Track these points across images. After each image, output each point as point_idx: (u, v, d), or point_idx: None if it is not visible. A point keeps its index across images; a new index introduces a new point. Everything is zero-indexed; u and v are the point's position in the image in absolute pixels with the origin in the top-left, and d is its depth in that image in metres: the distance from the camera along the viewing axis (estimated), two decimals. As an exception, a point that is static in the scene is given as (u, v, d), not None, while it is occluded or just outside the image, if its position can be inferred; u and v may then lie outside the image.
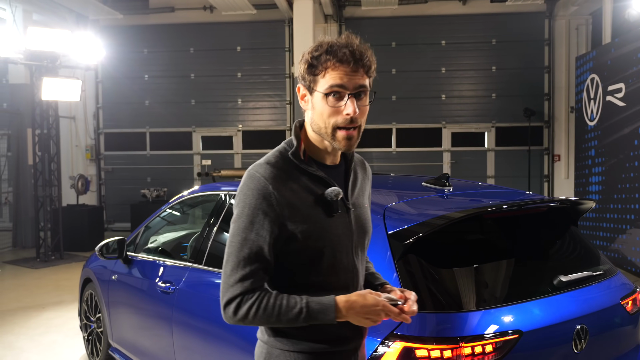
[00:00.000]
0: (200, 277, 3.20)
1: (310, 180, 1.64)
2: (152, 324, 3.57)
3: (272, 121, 12.04)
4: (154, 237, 4.12)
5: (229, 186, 3.53)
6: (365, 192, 1.84)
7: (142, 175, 12.18)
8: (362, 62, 1.59)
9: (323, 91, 1.58)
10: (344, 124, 1.58)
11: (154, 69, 12.10)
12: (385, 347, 2.09)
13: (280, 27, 11.81)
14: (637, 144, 7.38)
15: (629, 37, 7.77)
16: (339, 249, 1.67)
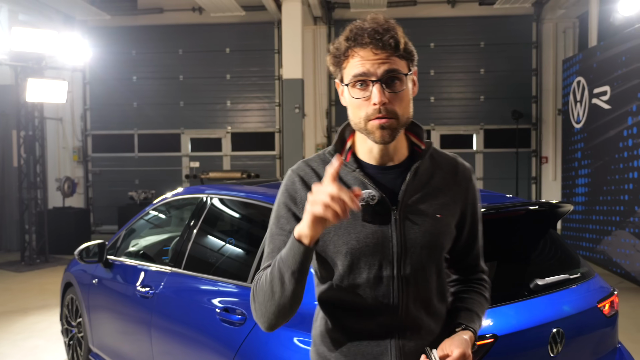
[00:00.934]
0: (179, 282, 3.17)
1: (345, 180, 1.48)
2: (132, 329, 3.54)
3: (261, 123, 12.01)
4: (135, 241, 4.08)
5: (212, 189, 3.50)
6: (440, 199, 1.50)
7: (130, 177, 12.12)
8: (385, 41, 1.37)
9: (348, 82, 1.42)
10: (374, 114, 1.39)
11: (142, 70, 12.05)
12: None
13: (269, 29, 11.79)
14: (622, 147, 7.42)
15: (615, 40, 7.81)
16: (367, 261, 1.45)
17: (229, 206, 3.39)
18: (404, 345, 1.48)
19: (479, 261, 1.67)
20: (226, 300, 2.74)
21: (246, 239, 3.23)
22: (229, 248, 3.21)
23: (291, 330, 2.32)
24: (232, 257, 3.16)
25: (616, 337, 2.76)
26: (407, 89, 1.43)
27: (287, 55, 9.84)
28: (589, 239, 8.48)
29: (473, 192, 1.59)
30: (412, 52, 1.44)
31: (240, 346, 2.49)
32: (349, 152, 1.51)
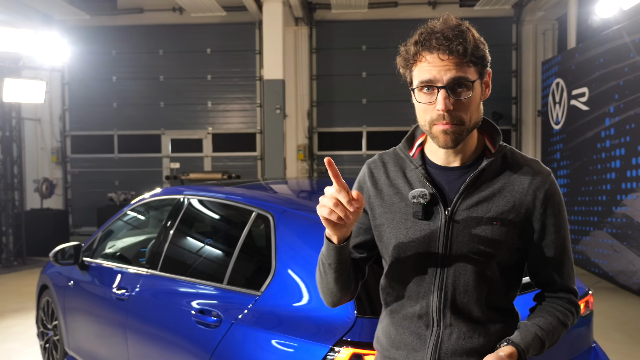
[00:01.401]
0: (155, 284, 3.14)
1: (409, 176, 1.53)
2: (108, 332, 3.49)
3: (242, 124, 11.96)
4: (111, 242, 4.04)
5: (190, 190, 3.47)
6: (502, 205, 1.45)
7: (110, 178, 12.00)
8: (452, 47, 1.36)
9: (415, 86, 1.43)
10: (438, 120, 1.40)
11: (122, 70, 11.94)
12: (334, 353, 2.06)
13: (251, 30, 11.75)
14: (599, 147, 7.50)
15: (593, 42, 7.90)
16: (413, 258, 1.49)
17: (207, 207, 3.36)
18: (440, 347, 1.49)
19: (560, 279, 1.53)
20: (202, 302, 2.72)
21: (223, 240, 3.20)
22: (206, 249, 3.19)
23: (268, 332, 2.31)
24: (208, 259, 3.13)
25: (591, 337, 2.78)
26: (474, 95, 1.41)
27: (268, 56, 9.81)
28: (567, 239, 8.56)
29: (548, 201, 1.48)
30: (483, 57, 1.43)
31: (215, 348, 2.47)
32: (418, 148, 1.55)
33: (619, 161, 7.02)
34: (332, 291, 1.56)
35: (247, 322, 2.40)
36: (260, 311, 2.40)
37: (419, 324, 1.51)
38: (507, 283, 1.52)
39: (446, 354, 1.48)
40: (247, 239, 2.73)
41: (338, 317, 2.14)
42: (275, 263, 2.44)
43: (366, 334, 2.07)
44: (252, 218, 2.72)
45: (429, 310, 1.49)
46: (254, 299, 2.44)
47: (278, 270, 2.42)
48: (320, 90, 11.82)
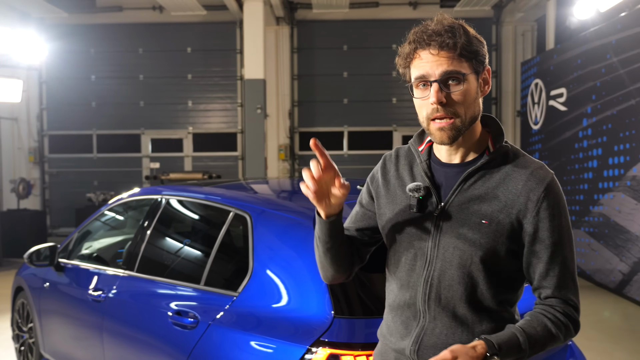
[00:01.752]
0: (132, 285, 3.10)
1: (414, 171, 1.60)
2: (84, 334, 3.44)
3: (223, 124, 11.90)
4: (88, 243, 3.98)
5: (169, 190, 3.43)
6: (494, 205, 1.45)
7: (89, 178, 11.86)
8: (443, 42, 1.41)
9: (411, 82, 1.50)
10: (432, 114, 1.44)
11: (101, 69, 11.81)
12: (312, 354, 2.05)
13: (231, 29, 11.70)
14: (577, 147, 7.59)
15: (571, 43, 7.98)
16: (406, 247, 1.55)
17: (185, 207, 3.33)
18: (422, 339, 1.52)
19: (554, 288, 1.48)
20: (178, 303, 2.69)
21: (201, 241, 3.17)
22: (183, 250, 3.16)
23: (245, 333, 2.29)
24: (186, 259, 3.10)
25: (567, 335, 2.80)
26: (467, 88, 1.44)
27: (249, 56, 9.77)
28: (546, 238, 8.64)
29: (542, 204, 1.44)
30: (477, 52, 1.46)
31: (192, 350, 2.44)
32: (428, 144, 1.61)
33: (596, 161, 7.10)
34: (324, 266, 1.66)
35: (224, 323, 2.38)
36: (237, 312, 2.38)
37: (408, 314, 1.56)
38: (496, 285, 1.49)
39: (426, 346, 1.50)
40: (225, 239, 2.71)
41: (315, 317, 2.14)
42: (252, 263, 2.43)
43: (343, 334, 2.07)
44: (230, 218, 2.70)
45: (416, 301, 1.53)
46: (230, 300, 2.42)
47: (255, 270, 2.41)
48: (301, 90, 11.81)
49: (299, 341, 2.10)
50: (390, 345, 1.62)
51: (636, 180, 6.20)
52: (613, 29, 6.72)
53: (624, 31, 6.45)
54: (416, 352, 1.52)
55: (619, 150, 6.56)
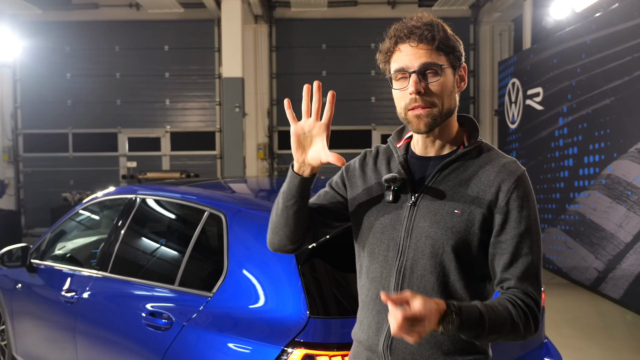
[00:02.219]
0: (105, 286, 3.05)
1: (391, 164, 1.63)
2: (56, 336, 3.38)
3: (201, 122, 11.81)
4: (61, 243, 3.91)
5: (144, 189, 3.38)
6: (466, 196, 1.48)
7: (64, 178, 11.69)
8: (422, 35, 1.47)
9: (390, 75, 1.54)
10: (411, 104, 1.48)
11: (77, 67, 11.64)
12: (287, 354, 2.03)
13: (209, 27, 11.61)
14: (553, 146, 7.66)
15: (547, 43, 8.06)
16: (379, 238, 1.56)
17: (159, 207, 3.28)
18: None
19: (515, 279, 1.46)
20: (152, 304, 2.65)
21: (175, 240, 3.13)
22: (157, 250, 3.11)
23: (220, 334, 2.26)
24: (160, 260, 3.06)
25: (542, 333, 2.82)
26: (444, 80, 1.49)
27: (227, 54, 9.71)
28: (523, 236, 8.72)
29: (511, 196, 1.46)
30: (454, 47, 1.52)
31: (166, 352, 2.41)
32: (406, 140, 1.65)
33: (572, 160, 7.18)
34: (277, 225, 1.63)
35: (198, 324, 2.35)
36: (211, 313, 2.35)
37: (380, 308, 1.54)
38: (468, 276, 1.49)
39: (399, 341, 1.50)
40: (199, 239, 2.68)
41: (291, 318, 2.12)
42: (227, 263, 2.40)
43: (319, 334, 2.05)
44: (204, 218, 2.67)
45: (389, 293, 1.51)
46: (205, 300, 2.39)
47: (230, 270, 2.38)
48: (280, 88, 11.77)
49: (274, 342, 2.08)
50: (362, 344, 1.61)
51: (611, 178, 6.28)
52: (588, 29, 6.80)
53: (599, 31, 6.52)
54: (389, 348, 1.51)
55: (594, 149, 6.64)
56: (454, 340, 1.48)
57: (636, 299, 5.77)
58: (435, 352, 1.48)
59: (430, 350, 1.48)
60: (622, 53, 6.05)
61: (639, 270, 5.73)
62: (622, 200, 6.06)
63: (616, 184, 6.18)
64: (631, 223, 5.88)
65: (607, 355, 4.73)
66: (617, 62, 6.15)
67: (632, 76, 5.87)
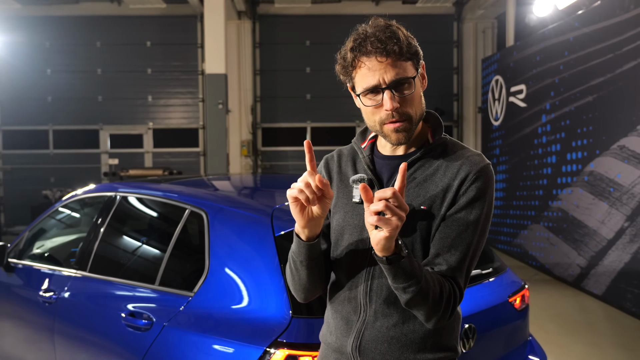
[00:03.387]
0: (84, 286, 2.99)
1: (357, 165, 1.61)
2: (34, 337, 3.31)
3: (184, 119, 11.71)
4: (40, 242, 3.83)
5: (125, 186, 3.32)
6: (432, 192, 1.47)
7: (45, 175, 11.53)
8: (388, 49, 1.41)
9: (359, 92, 1.47)
10: (387, 119, 1.45)
11: (57, 63, 11.48)
12: (269, 355, 1.99)
13: (192, 23, 11.51)
14: (536, 143, 7.69)
15: (530, 40, 8.09)
16: (347, 239, 1.54)
17: (140, 204, 3.23)
18: (364, 334, 1.50)
19: (448, 266, 1.44)
20: (132, 304, 2.60)
21: (156, 239, 3.08)
22: (138, 249, 3.06)
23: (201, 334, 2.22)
24: (140, 259, 3.01)
25: (527, 330, 2.82)
26: (416, 90, 1.47)
27: (210, 50, 9.62)
28: (506, 233, 8.77)
29: (471, 186, 1.45)
30: (416, 52, 1.49)
31: (146, 353, 2.36)
32: (370, 140, 1.62)
33: (555, 157, 7.21)
34: (305, 287, 1.58)
35: (179, 325, 2.31)
36: (192, 313, 2.30)
37: (349, 309, 1.54)
38: None
39: (368, 341, 1.49)
40: (180, 237, 2.63)
41: (273, 318, 2.08)
42: (208, 262, 2.35)
43: (302, 334, 2.02)
44: (185, 216, 2.62)
45: (357, 294, 1.52)
46: (186, 300, 2.34)
47: (212, 269, 2.33)
48: (263, 85, 11.71)
49: (257, 342, 2.04)
50: (330, 346, 1.59)
51: (593, 175, 6.32)
52: (571, 27, 6.82)
53: (581, 29, 6.55)
54: (357, 348, 1.50)
55: (577, 146, 6.67)
56: (424, 338, 1.48)
57: (618, 295, 5.82)
58: (405, 351, 1.48)
59: (400, 350, 1.48)
60: (604, 50, 6.08)
61: (621, 266, 5.77)
62: (604, 197, 6.10)
63: (598, 180, 6.21)
64: (613, 219, 5.92)
65: (590, 351, 4.75)
66: (599, 60, 6.19)
67: (614, 73, 5.91)
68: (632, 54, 5.60)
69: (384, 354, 1.48)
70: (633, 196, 5.58)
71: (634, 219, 5.57)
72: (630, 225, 5.64)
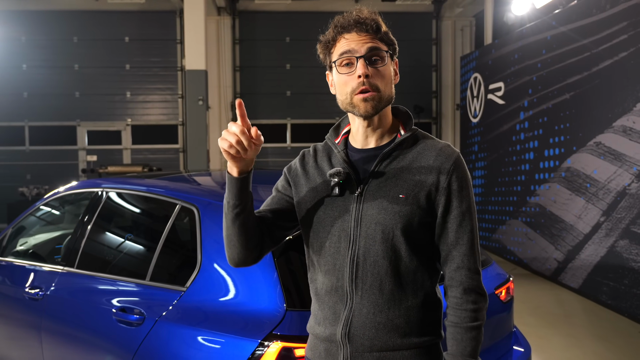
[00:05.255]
0: (72, 282, 2.98)
1: (332, 160, 1.66)
2: (20, 334, 3.28)
3: (163, 115, 11.64)
4: (23, 239, 3.80)
5: (109, 183, 3.32)
6: (408, 182, 1.54)
7: (21, 172, 11.37)
8: (366, 24, 1.54)
9: (335, 59, 1.57)
10: (358, 87, 1.53)
11: (33, 58, 11.32)
12: (264, 347, 2.02)
13: (171, 18, 11.44)
14: (515, 140, 7.82)
15: (508, 38, 8.20)
16: (329, 231, 1.59)
17: (127, 200, 3.22)
18: (352, 321, 1.55)
19: (460, 256, 1.55)
20: (123, 299, 2.60)
21: (145, 235, 3.08)
22: (127, 245, 3.06)
23: (194, 328, 2.24)
24: (129, 255, 3.01)
25: (512, 321, 2.88)
26: (388, 67, 1.57)
27: (189, 46, 9.57)
28: (485, 229, 8.90)
29: (452, 176, 1.54)
30: (393, 41, 1.60)
31: (138, 347, 2.37)
32: (343, 136, 1.69)
33: (533, 153, 7.34)
34: (232, 242, 1.61)
35: (171, 319, 2.32)
36: (185, 307, 2.32)
37: (335, 299, 1.59)
38: (418, 258, 1.56)
39: (356, 328, 1.55)
40: (171, 232, 2.64)
41: (267, 311, 2.11)
42: (200, 257, 2.37)
43: (296, 327, 2.05)
44: (176, 211, 2.63)
45: (343, 283, 1.57)
46: (178, 295, 2.36)
47: (204, 264, 2.35)
48: (243, 81, 11.69)
49: (251, 335, 2.06)
50: (319, 336, 1.64)
51: (570, 171, 6.45)
52: (548, 25, 6.95)
53: (558, 28, 6.67)
54: (347, 335, 1.55)
55: (554, 143, 6.80)
56: (409, 322, 1.55)
57: (594, 288, 5.96)
58: (392, 335, 1.54)
59: (388, 334, 1.54)
60: (581, 49, 6.21)
61: (597, 260, 5.90)
62: (581, 192, 6.23)
63: (575, 176, 6.34)
64: (590, 214, 6.05)
65: (568, 342, 4.86)
66: (576, 58, 6.31)
67: (591, 72, 6.03)
68: (608, 52, 5.72)
69: (372, 339, 1.54)
70: (609, 191, 5.71)
71: (609, 214, 5.71)
72: (606, 220, 5.77)
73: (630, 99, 5.40)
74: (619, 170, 5.55)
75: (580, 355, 4.59)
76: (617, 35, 5.60)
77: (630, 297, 5.37)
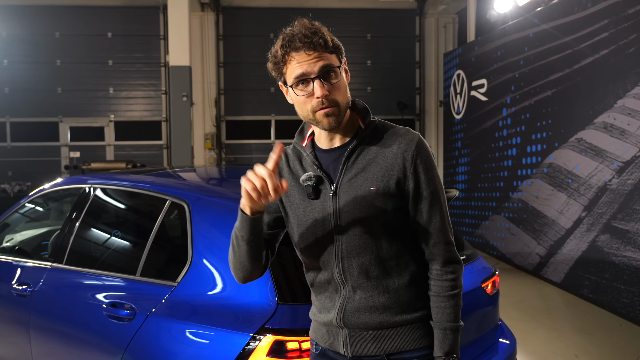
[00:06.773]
0: (61, 278, 2.97)
1: (303, 163, 1.72)
2: (8, 331, 3.27)
3: (146, 111, 11.58)
4: (9, 236, 3.78)
5: (96, 179, 3.31)
6: (376, 172, 1.62)
7: (3, 168, 11.25)
8: (315, 42, 1.57)
9: (291, 84, 1.61)
10: (318, 106, 1.58)
11: (14, 53, 11.20)
12: (256, 341, 2.04)
13: (155, 14, 11.37)
14: (497, 136, 7.91)
15: (491, 36, 8.28)
16: (312, 232, 1.67)
17: (116, 197, 3.22)
18: (346, 307, 1.67)
19: (437, 232, 1.65)
20: (113, 295, 2.61)
21: (135, 230, 3.09)
22: (116, 240, 3.06)
23: (186, 323, 2.25)
24: (119, 250, 3.01)
25: (497, 315, 2.94)
26: (342, 78, 1.62)
27: (173, 42, 9.54)
28: (468, 224, 8.99)
29: (416, 160, 1.62)
30: (339, 47, 1.63)
31: (129, 342, 2.38)
32: (309, 138, 1.74)
33: (515, 149, 7.43)
34: (244, 265, 1.69)
35: (163, 314, 2.33)
36: (177, 302, 2.33)
37: (330, 289, 1.71)
38: (398, 242, 1.65)
39: (350, 312, 1.67)
40: (161, 228, 2.65)
41: (259, 305, 2.13)
42: (191, 252, 2.38)
43: (288, 320, 2.07)
44: (166, 207, 2.64)
45: (334, 277, 1.69)
46: (169, 290, 2.37)
47: (195, 259, 2.37)
48: (227, 78, 11.66)
49: (242, 329, 2.09)
50: (320, 321, 1.76)
51: (552, 167, 6.54)
52: (530, 23, 7.03)
53: (541, 25, 6.76)
54: (342, 320, 1.68)
55: (537, 139, 6.89)
56: (400, 303, 1.66)
57: (576, 282, 6.06)
58: (385, 316, 1.65)
59: (381, 316, 1.65)
60: (562, 46, 6.29)
61: (579, 254, 6.00)
62: (562, 188, 6.32)
63: (557, 172, 6.44)
64: (571, 210, 6.15)
65: (551, 335, 4.95)
66: (558, 55, 6.40)
67: (572, 69, 6.12)
68: (590, 50, 5.82)
69: (366, 321, 1.66)
70: (590, 187, 5.81)
71: (590, 209, 5.81)
72: (587, 215, 5.87)
73: (611, 95, 5.50)
74: (600, 166, 5.65)
75: (563, 348, 4.67)
76: (598, 32, 5.69)
77: (611, 290, 5.48)
